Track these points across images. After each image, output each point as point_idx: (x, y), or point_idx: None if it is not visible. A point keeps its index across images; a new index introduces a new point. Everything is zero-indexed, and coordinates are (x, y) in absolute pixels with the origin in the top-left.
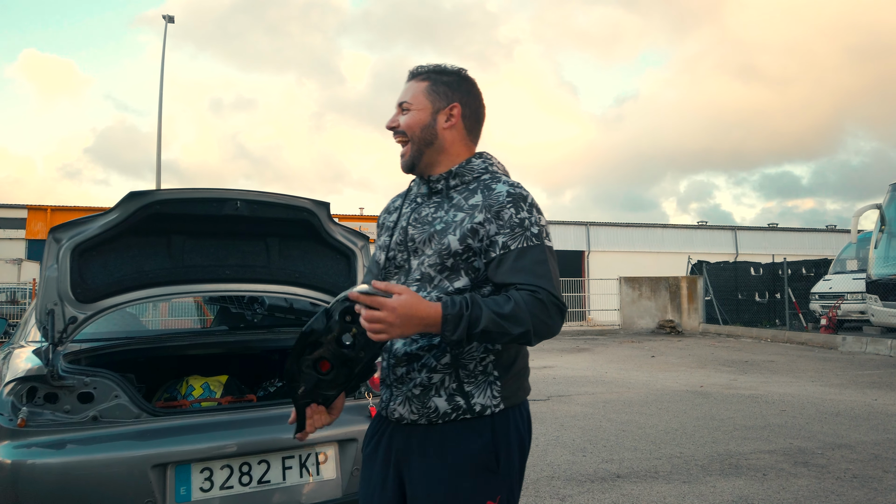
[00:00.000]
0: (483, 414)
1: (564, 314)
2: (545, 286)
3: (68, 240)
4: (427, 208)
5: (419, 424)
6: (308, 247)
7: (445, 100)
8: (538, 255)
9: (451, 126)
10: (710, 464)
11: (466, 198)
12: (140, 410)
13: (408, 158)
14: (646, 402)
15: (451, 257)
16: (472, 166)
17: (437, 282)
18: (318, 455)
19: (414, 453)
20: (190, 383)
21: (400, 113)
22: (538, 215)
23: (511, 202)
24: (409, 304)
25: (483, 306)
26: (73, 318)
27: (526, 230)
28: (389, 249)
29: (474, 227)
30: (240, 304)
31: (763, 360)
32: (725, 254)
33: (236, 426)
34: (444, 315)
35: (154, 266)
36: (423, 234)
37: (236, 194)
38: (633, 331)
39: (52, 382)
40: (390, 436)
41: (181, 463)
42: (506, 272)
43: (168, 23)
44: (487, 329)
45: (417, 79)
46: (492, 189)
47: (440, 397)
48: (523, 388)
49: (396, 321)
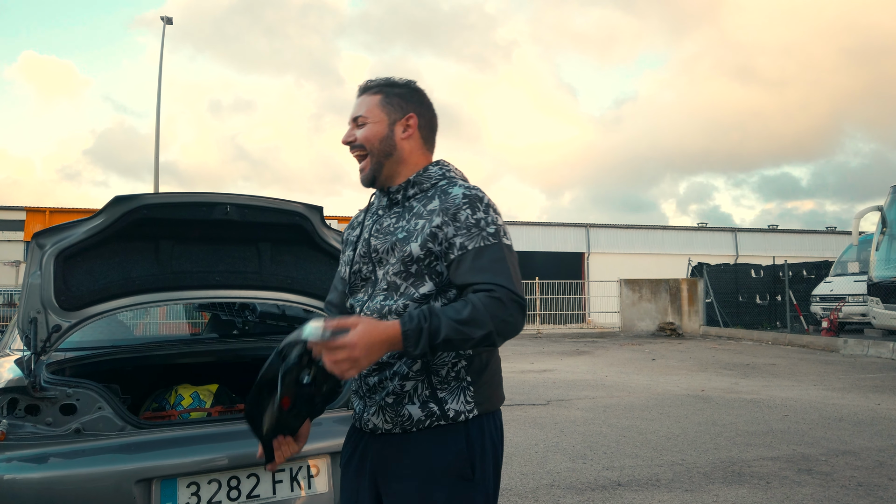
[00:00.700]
0: (457, 420)
1: (525, 310)
2: (503, 283)
3: (52, 245)
4: (388, 219)
5: (394, 434)
6: (301, 252)
7: (401, 111)
8: (495, 253)
9: (408, 136)
10: (712, 471)
11: (425, 204)
12: (124, 423)
13: (368, 172)
14: (647, 406)
15: (413, 263)
16: (429, 174)
17: (403, 289)
18: (309, 468)
19: (389, 464)
20: (179, 392)
21: (355, 128)
22: (495, 215)
23: (467, 203)
24: (367, 332)
25: (441, 315)
26: (57, 326)
27: (482, 230)
28: (353, 263)
29: (433, 231)
30: (231, 311)
31: (764, 363)
32: (726, 255)
33: (225, 438)
34: (404, 331)
35: (141, 272)
36: (386, 244)
37: (226, 198)
38: (634, 333)
39: (33, 394)
40: (365, 447)
41: (167, 477)
42: (465, 273)
43: (166, 24)
44: (449, 337)
45: (369, 93)
46: (448, 193)
47: (413, 405)
48: (497, 396)
49: (361, 354)
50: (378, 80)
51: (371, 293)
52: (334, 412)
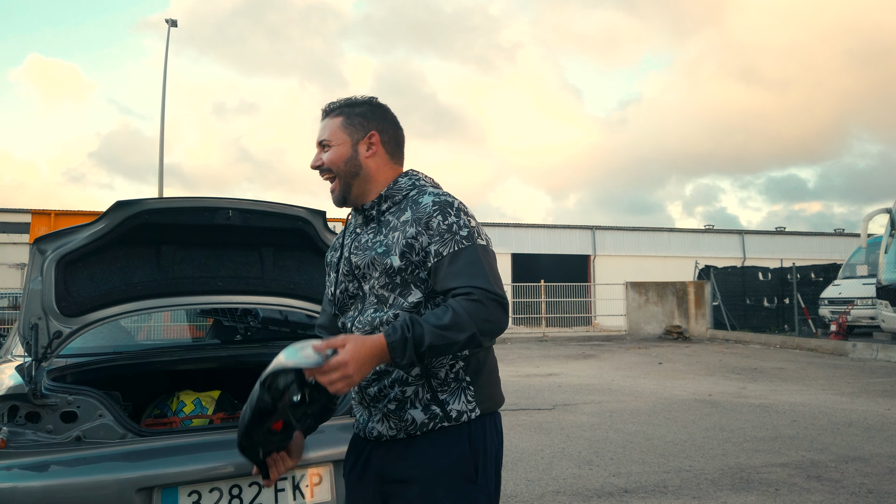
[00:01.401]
0: (460, 420)
1: (506, 307)
2: (480, 284)
3: (53, 251)
4: (366, 235)
5: (398, 440)
6: (303, 257)
7: (362, 130)
8: (470, 255)
9: (372, 154)
10: (720, 478)
11: (398, 216)
12: (125, 430)
13: (338, 193)
14: (653, 411)
15: (397, 274)
16: (399, 186)
17: (392, 300)
18: (311, 476)
19: (393, 469)
20: (181, 399)
21: (321, 152)
22: (466, 217)
23: (437, 210)
24: (355, 349)
25: (423, 323)
26: (58, 332)
27: (455, 234)
28: (338, 283)
29: (409, 242)
30: (233, 316)
31: (772, 367)
32: (733, 258)
33: (227, 446)
34: (389, 343)
35: (143, 278)
36: (366, 259)
37: (228, 203)
38: (640, 336)
39: (34, 401)
40: (370, 454)
41: (168, 486)
42: (443, 279)
43: (171, 27)
44: (434, 344)
45: (331, 116)
46: (418, 202)
47: (416, 409)
48: (497, 395)
49: (353, 371)
50: (339, 102)
51: (361, 308)
52: (337, 420)
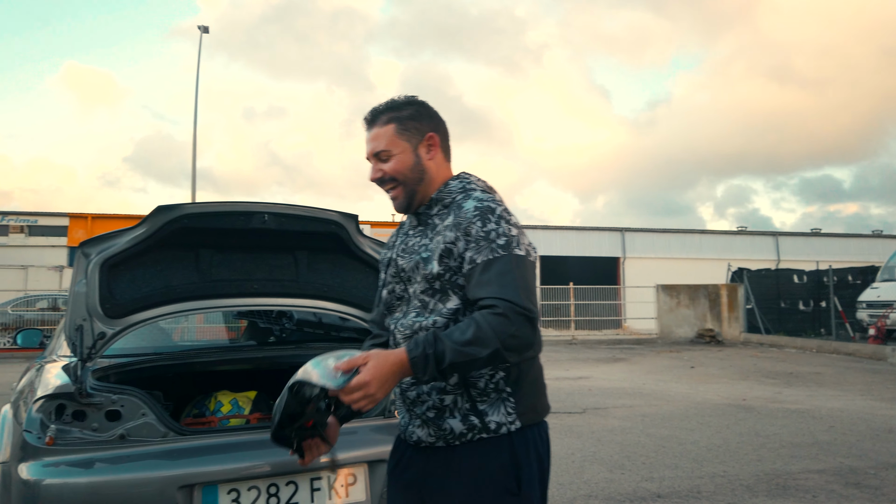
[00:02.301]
0: (499, 432)
1: (534, 322)
2: (507, 297)
3: (97, 254)
4: (414, 238)
5: (438, 447)
6: (337, 260)
7: (419, 133)
8: (503, 265)
9: (433, 156)
10: (756, 484)
11: (443, 220)
12: (167, 429)
13: (402, 201)
14: (686, 415)
15: (435, 280)
16: (449, 189)
17: (432, 305)
18: (346, 477)
19: (434, 477)
20: (219, 399)
21: (379, 163)
22: (507, 226)
23: (478, 216)
24: (377, 367)
25: (445, 339)
26: (102, 333)
27: (492, 242)
28: (387, 284)
29: (447, 247)
30: (268, 318)
31: (809, 371)
32: (766, 260)
33: (264, 446)
34: (410, 359)
35: (182, 280)
36: (411, 263)
37: (264, 207)
38: (671, 340)
39: (80, 400)
40: (410, 459)
41: (208, 484)
42: (473, 287)
43: (203, 33)
44: (455, 361)
45: (380, 124)
46: (461, 207)
47: (454, 418)
48: (541, 406)
49: (376, 390)
50: (382, 108)
51: (405, 311)
52: (370, 420)
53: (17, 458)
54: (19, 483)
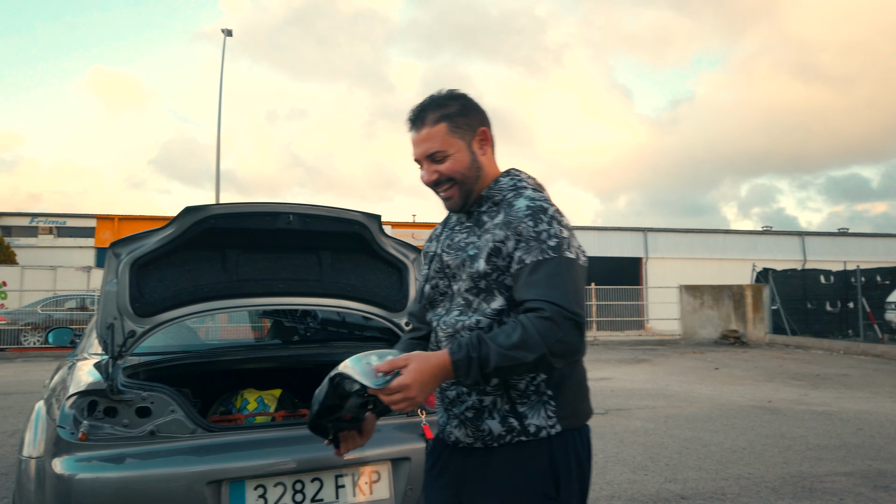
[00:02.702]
0: (539, 435)
1: (582, 328)
2: (556, 300)
3: (127, 254)
4: (460, 234)
5: (475, 448)
6: (360, 260)
7: (470, 129)
8: (553, 267)
9: (485, 152)
10: (781, 486)
11: (493, 218)
12: (195, 426)
13: (457, 200)
14: (710, 417)
15: (481, 279)
16: (500, 186)
17: (476, 305)
18: (371, 474)
19: (471, 478)
20: (244, 397)
21: (433, 164)
22: (559, 227)
23: (529, 216)
24: (418, 370)
25: (490, 342)
26: (132, 332)
27: (542, 243)
28: (430, 279)
29: (496, 246)
30: (293, 317)
31: (836, 373)
32: (792, 261)
33: (290, 443)
34: (453, 362)
35: (209, 280)
36: (457, 260)
37: (289, 208)
38: (695, 341)
39: (111, 396)
40: (448, 459)
41: (235, 479)
42: (521, 288)
43: (227, 37)
44: (500, 365)
45: (429, 124)
46: (512, 205)
47: (493, 419)
48: (582, 410)
49: (416, 393)
50: (428, 106)
51: (448, 308)
52: (394, 419)
53: (51, 453)
54: (53, 477)
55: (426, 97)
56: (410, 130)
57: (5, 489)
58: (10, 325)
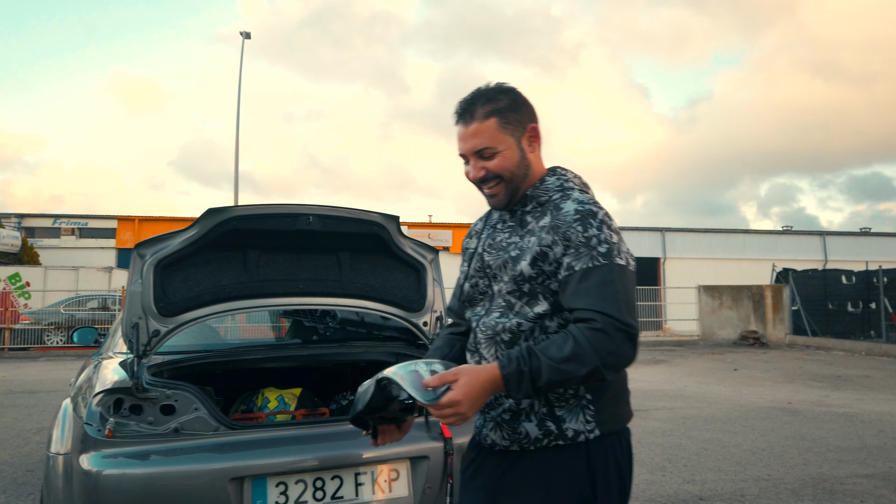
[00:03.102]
0: (577, 440)
1: (635, 339)
2: (607, 310)
3: (151, 255)
4: (502, 233)
5: (512, 451)
6: (378, 260)
7: (520, 125)
8: (604, 275)
9: (534, 149)
10: (801, 488)
11: (538, 220)
12: (218, 423)
13: (503, 198)
14: (729, 418)
15: (525, 282)
16: (546, 186)
17: (518, 308)
18: (390, 472)
19: (507, 481)
20: (265, 395)
21: (480, 161)
22: (609, 232)
23: (578, 220)
24: (468, 385)
25: (541, 355)
26: (157, 331)
27: (592, 249)
28: (470, 277)
29: (543, 251)
30: (313, 317)
31: (857, 374)
32: (813, 261)
33: (310, 441)
34: (504, 376)
35: (231, 280)
36: (498, 261)
37: (309, 209)
38: (713, 342)
39: (136, 394)
40: (483, 461)
41: (257, 476)
42: (569, 296)
43: (245, 39)
44: (552, 379)
45: (478, 119)
46: (560, 208)
47: (530, 422)
48: (622, 414)
49: (467, 408)
50: (477, 100)
51: (488, 308)
52: None
53: (79, 449)
54: (80, 473)
55: (475, 89)
56: (457, 124)
57: (31, 486)
58: (34, 324)
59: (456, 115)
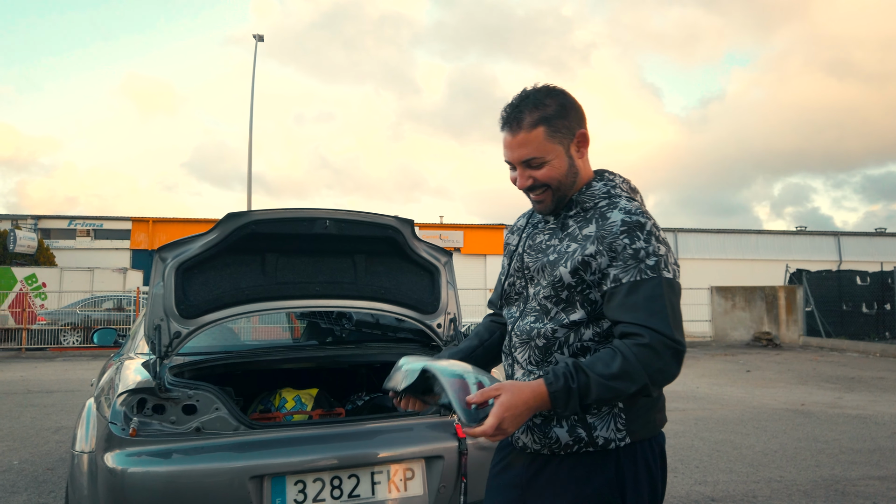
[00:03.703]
0: (607, 448)
1: (682, 356)
2: (656, 326)
3: (173, 259)
4: (542, 235)
5: (542, 454)
6: (393, 263)
7: (569, 132)
8: (652, 289)
9: (583, 155)
10: (813, 489)
11: (581, 226)
12: (238, 423)
13: (549, 205)
14: (741, 420)
15: (564, 289)
16: (592, 191)
17: (554, 314)
18: (405, 471)
19: (537, 484)
20: (283, 395)
21: (528, 170)
22: (657, 244)
23: (625, 232)
24: (511, 404)
25: (589, 372)
26: (178, 332)
27: (640, 262)
28: (509, 275)
29: (586, 260)
30: (329, 319)
31: (871, 376)
32: (827, 261)
33: (328, 440)
34: (551, 393)
35: (249, 283)
36: (537, 263)
37: (325, 213)
38: (726, 343)
39: (159, 394)
40: (513, 461)
41: (277, 475)
42: (615, 308)
43: (258, 42)
44: (601, 397)
45: (525, 128)
46: (606, 217)
47: (561, 428)
48: (655, 421)
49: (508, 426)
50: (524, 106)
51: (522, 310)
52: (426, 418)
53: (103, 448)
54: (105, 471)
55: (521, 92)
56: (503, 130)
57: (52, 483)
58: (51, 325)
59: (501, 121)
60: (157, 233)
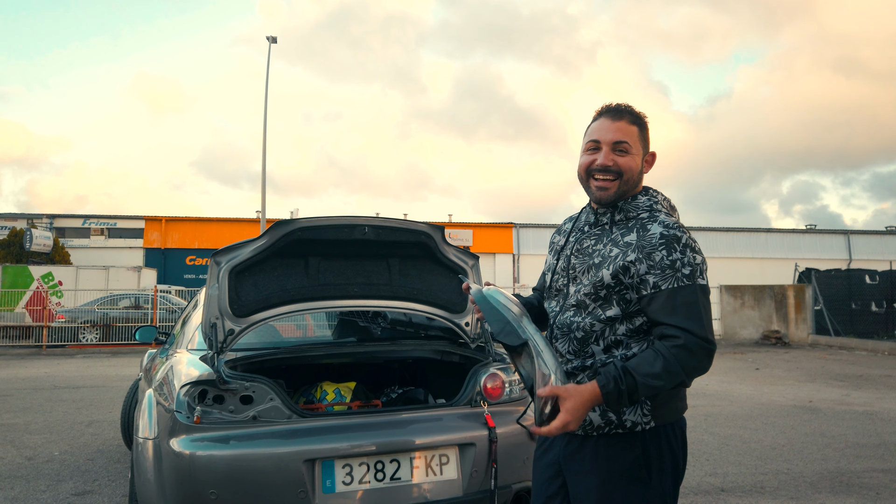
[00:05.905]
0: (634, 430)
1: (713, 354)
2: (692, 329)
3: (226, 263)
4: (589, 239)
5: (577, 435)
6: (424, 266)
7: (647, 146)
8: (688, 295)
9: (647, 170)
10: (819, 481)
11: (623, 234)
12: (291, 412)
13: (612, 195)
14: (750, 416)
15: (604, 289)
16: (637, 203)
17: (591, 309)
18: (441, 457)
19: (573, 460)
20: (323, 388)
21: (612, 153)
22: (692, 255)
23: (663, 244)
24: (576, 408)
25: (634, 374)
26: (231, 330)
27: (677, 271)
28: (554, 273)
29: (626, 265)
30: (366, 318)
31: (879, 374)
32: (837, 260)
33: (370, 428)
34: (604, 394)
35: (294, 284)
36: (583, 265)
37: (364, 221)
38: (735, 341)
39: (219, 386)
40: (553, 442)
41: (326, 459)
42: (657, 311)
43: (272, 44)
44: (646, 393)
45: (627, 121)
46: (647, 229)
47: (594, 412)
48: (677, 407)
49: (573, 424)
50: (630, 109)
51: (562, 306)
52: (458, 409)
53: (167, 434)
54: (171, 455)
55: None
56: (604, 115)
57: (94, 472)
58: (70, 322)
59: (604, 108)
60: (170, 232)
